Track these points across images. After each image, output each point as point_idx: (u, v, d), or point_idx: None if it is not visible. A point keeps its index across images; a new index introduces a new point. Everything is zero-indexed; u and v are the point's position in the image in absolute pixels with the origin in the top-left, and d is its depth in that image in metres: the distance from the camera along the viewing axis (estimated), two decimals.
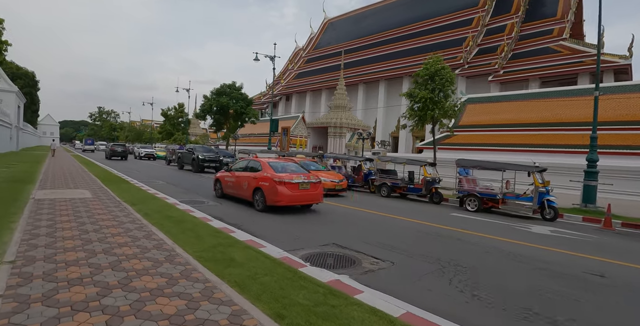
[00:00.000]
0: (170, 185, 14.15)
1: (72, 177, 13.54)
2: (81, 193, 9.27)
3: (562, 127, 21.91)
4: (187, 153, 22.63)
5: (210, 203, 9.92)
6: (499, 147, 23.46)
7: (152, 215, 6.88)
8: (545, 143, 21.43)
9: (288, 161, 11.49)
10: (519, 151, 22.31)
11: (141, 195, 9.88)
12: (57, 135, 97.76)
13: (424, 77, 18.88)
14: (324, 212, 9.74)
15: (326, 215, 9.27)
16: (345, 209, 10.48)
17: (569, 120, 21.69)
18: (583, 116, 21.00)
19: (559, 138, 21.25)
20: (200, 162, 21.10)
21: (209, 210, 8.66)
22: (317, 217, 8.92)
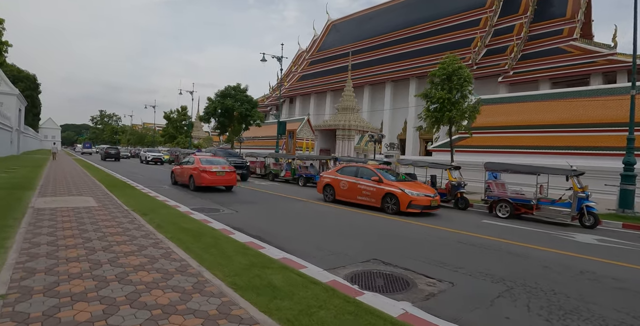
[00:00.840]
0: (177, 190, 13.35)
1: (74, 182, 12.75)
2: (85, 200, 8.47)
3: (583, 128, 21.09)
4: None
5: (225, 211, 9.11)
6: (515, 150, 22.66)
7: (167, 227, 6.07)
8: (565, 145, 20.61)
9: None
10: (536, 153, 21.53)
11: (150, 202, 9.07)
12: (59, 138, 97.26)
13: (441, 77, 18.10)
14: (345, 221, 8.92)
15: (351, 224, 8.45)
16: (368, 217, 9.66)
17: (590, 121, 20.87)
18: (607, 117, 20.19)
19: (580, 140, 20.43)
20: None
21: (226, 219, 7.85)
22: (341, 226, 8.11)
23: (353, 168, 11.92)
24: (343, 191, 11.60)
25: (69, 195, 9.36)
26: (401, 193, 10.18)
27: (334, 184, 11.96)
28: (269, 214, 9.25)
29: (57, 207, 7.45)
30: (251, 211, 9.48)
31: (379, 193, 10.62)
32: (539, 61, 37.25)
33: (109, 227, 5.83)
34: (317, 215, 9.61)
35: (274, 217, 8.82)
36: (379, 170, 11.34)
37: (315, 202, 12.12)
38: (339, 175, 11.96)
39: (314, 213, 9.78)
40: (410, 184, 10.95)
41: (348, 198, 11.48)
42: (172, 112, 54.50)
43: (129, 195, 10.15)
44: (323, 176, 12.64)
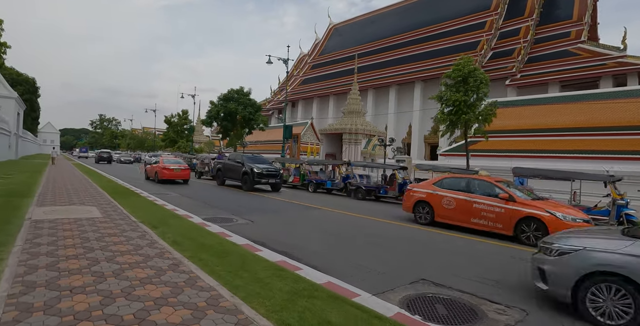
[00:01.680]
0: (184, 197, 12.60)
1: (75, 189, 11.97)
2: (87, 210, 7.70)
3: (598, 131, 20.41)
4: (233, 165, 17.16)
5: (240, 222, 8.35)
6: (529, 154, 21.99)
7: (184, 244, 5.30)
8: (583, 149, 19.93)
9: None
10: (552, 157, 20.86)
11: (158, 211, 8.31)
12: (58, 143, 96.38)
13: (456, 78, 17.44)
14: (373, 232, 8.15)
15: (380, 237, 7.68)
16: (397, 227, 8.90)
17: (611, 124, 20.16)
18: (625, 120, 19.51)
19: (597, 144, 19.74)
20: (255, 176, 15.61)
21: (244, 231, 7.09)
22: (368, 237, 7.34)
23: (461, 181, 9.31)
24: (448, 211, 8.88)
25: (70, 204, 8.59)
26: (550, 218, 7.38)
27: (432, 201, 9.25)
28: (287, 224, 8.50)
29: (57, 218, 6.67)
30: (267, 221, 8.73)
31: (511, 215, 7.84)
32: (547, 64, 36.71)
33: (117, 244, 5.06)
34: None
35: (293, 228, 8.07)
36: (504, 184, 8.73)
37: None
38: (440, 189, 9.29)
39: (350, 227, 9.01)
40: (552, 204, 8.27)
41: (457, 221, 8.78)
42: (173, 116, 53.82)
43: (134, 203, 9.39)
44: (413, 190, 9.92)
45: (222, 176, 17.92)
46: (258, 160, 17.69)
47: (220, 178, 18.12)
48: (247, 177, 15.86)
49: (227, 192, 15.25)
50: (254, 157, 18.16)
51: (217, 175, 18.45)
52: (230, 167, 17.38)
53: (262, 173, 15.72)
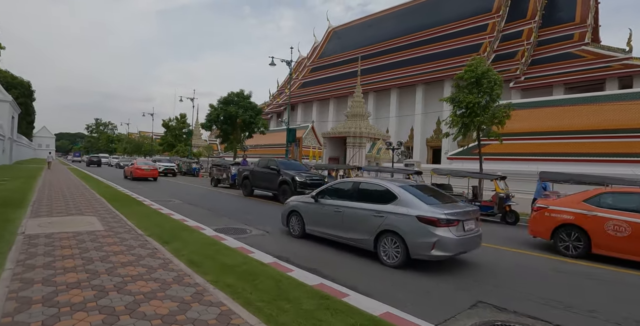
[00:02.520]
0: (187, 204, 11.82)
1: (73, 196, 11.17)
2: (88, 222, 6.92)
3: (616, 134, 19.85)
4: (265, 173, 14.48)
5: (254, 232, 7.61)
6: (540, 157, 21.39)
7: (203, 264, 4.55)
8: (598, 152, 19.34)
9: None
10: (565, 161, 20.26)
11: (165, 222, 7.54)
12: (53, 147, 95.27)
13: (470, 80, 16.83)
14: None
15: None
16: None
17: (622, 126, 19.61)
18: None
19: (614, 147, 19.17)
20: (298, 187, 12.89)
21: (263, 244, 6.37)
22: None
23: (635, 197, 6.64)
24: (617, 240, 6.33)
25: (67, 214, 7.81)
26: None
27: (587, 225, 6.68)
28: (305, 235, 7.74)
29: (53, 232, 5.89)
30: (282, 231, 8.00)
31: None
32: (551, 66, 36.34)
33: (126, 265, 4.30)
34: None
35: (311, 239, 7.31)
36: None
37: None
38: (599, 208, 6.70)
39: None
40: None
41: (630, 254, 6.27)
42: (171, 120, 52.96)
43: (138, 213, 8.61)
44: (552, 210, 7.32)
45: (251, 185, 15.37)
46: (294, 166, 15.31)
47: (248, 188, 15.49)
48: (287, 188, 13.17)
49: (228, 199, 14.49)
50: (289, 163, 15.68)
51: (243, 184, 15.81)
52: (261, 175, 14.78)
53: (306, 183, 13.02)
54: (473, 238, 5.48)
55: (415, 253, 5.09)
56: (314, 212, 6.86)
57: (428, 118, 43.89)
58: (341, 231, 6.18)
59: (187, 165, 35.70)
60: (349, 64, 55.33)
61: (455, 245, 5.05)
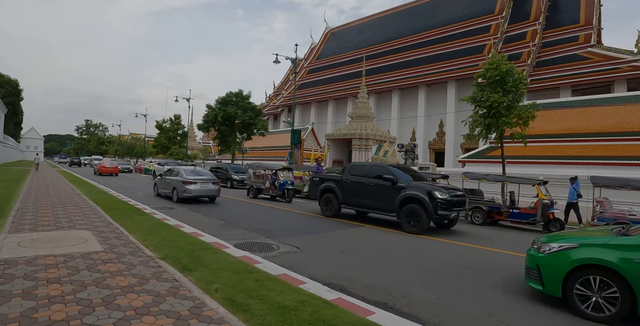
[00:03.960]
0: (193, 212, 10.49)
1: (62, 203, 9.74)
2: (81, 239, 5.57)
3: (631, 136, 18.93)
4: (370, 185, 10.04)
5: (283, 248, 6.35)
6: (561, 160, 20.40)
7: (250, 307, 3.27)
8: (621, 155, 18.39)
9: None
10: (586, 164, 19.28)
11: (177, 237, 6.21)
12: (42, 149, 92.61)
13: (494, 78, 15.77)
14: (473, 264, 6.16)
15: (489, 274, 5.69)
16: (479, 252, 6.94)
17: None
18: None
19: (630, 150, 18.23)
20: (440, 208, 8.65)
21: (306, 267, 5.15)
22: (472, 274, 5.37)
23: None
24: None
25: (56, 227, 6.44)
26: None
27: None
28: (349, 252, 6.47)
29: (38, 255, 4.54)
30: (317, 246, 6.79)
31: None
32: (558, 68, 35.65)
33: (142, 314, 2.98)
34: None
35: (360, 257, 6.07)
36: None
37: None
38: None
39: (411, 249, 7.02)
40: None
41: None
42: (165, 121, 51.31)
43: (140, 224, 7.27)
44: None
45: (339, 202, 10.80)
46: (411, 173, 10.69)
47: (333, 206, 10.93)
48: (419, 209, 8.65)
49: (230, 203, 13.14)
50: (403, 169, 10.60)
51: (325, 199, 11.22)
52: (361, 187, 10.21)
53: (452, 201, 8.77)
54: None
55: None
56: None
57: (430, 121, 42.98)
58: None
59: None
60: (348, 65, 54.30)
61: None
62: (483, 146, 26.38)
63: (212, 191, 13.15)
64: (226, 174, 22.48)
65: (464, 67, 39.86)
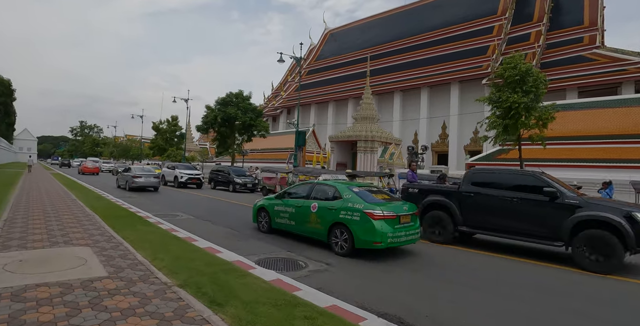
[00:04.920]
0: (199, 219, 9.60)
1: (56, 210, 8.82)
2: (79, 259, 4.69)
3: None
4: (514, 202, 7.36)
5: (312, 266, 5.53)
6: (572, 163, 19.78)
7: None
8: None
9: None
10: (598, 167, 18.67)
11: (193, 256, 5.33)
12: (35, 151, 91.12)
13: (513, 78, 15.07)
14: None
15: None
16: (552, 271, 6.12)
17: None
18: None
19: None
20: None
21: (346, 289, 4.33)
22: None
23: None
24: None
25: (49, 242, 5.54)
26: None
27: None
28: (386, 267, 5.66)
29: (27, 284, 3.65)
30: (344, 260, 5.96)
31: None
32: (563, 69, 35.17)
33: None
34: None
35: (391, 271, 5.25)
36: None
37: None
38: None
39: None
40: None
41: None
42: (162, 122, 50.21)
43: (145, 237, 6.39)
44: None
45: (462, 222, 7.97)
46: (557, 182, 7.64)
47: (447, 229, 8.10)
48: (611, 239, 6.11)
49: (233, 208, 12.27)
50: (538, 177, 7.75)
51: (433, 219, 8.34)
52: (501, 204, 7.56)
53: None
54: None
55: None
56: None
57: (433, 123, 42.39)
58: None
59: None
60: (349, 66, 53.64)
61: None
62: (493, 148, 25.72)
63: (153, 183, 18.08)
64: (228, 177, 21.46)
65: (467, 68, 39.31)
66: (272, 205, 8.11)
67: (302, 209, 7.23)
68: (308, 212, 7.07)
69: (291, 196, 7.88)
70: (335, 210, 6.63)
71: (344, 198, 6.70)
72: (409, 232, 6.58)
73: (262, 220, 8.33)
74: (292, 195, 7.90)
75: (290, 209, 7.53)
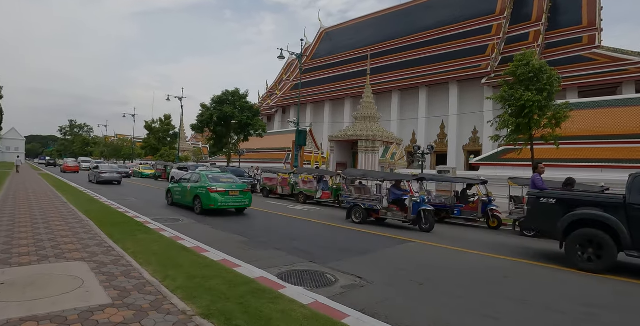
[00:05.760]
0: (200, 224, 8.83)
1: (46, 218, 7.95)
2: (75, 279, 3.90)
3: None
4: None
5: (344, 281, 4.81)
6: (581, 163, 19.34)
7: None
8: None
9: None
10: (608, 167, 18.27)
11: (209, 272, 4.56)
12: (23, 150, 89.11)
13: (527, 75, 14.54)
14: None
15: None
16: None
17: None
18: None
19: None
20: None
21: (390, 310, 3.65)
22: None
23: None
24: None
25: (38, 256, 4.72)
26: None
27: None
28: (418, 279, 4.97)
29: (10, 319, 2.87)
30: (378, 273, 5.31)
31: None
32: (563, 69, 34.72)
33: None
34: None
35: (438, 287, 4.56)
36: None
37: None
38: None
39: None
40: None
41: None
42: (155, 122, 49.03)
43: (149, 247, 5.60)
44: None
45: (633, 246, 5.90)
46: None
47: (609, 253, 6.02)
48: None
49: (234, 211, 11.51)
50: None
51: (584, 237, 6.30)
52: None
53: None
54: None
55: None
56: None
57: (431, 122, 41.94)
58: None
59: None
60: (345, 65, 53.02)
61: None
62: (497, 148, 25.23)
63: (116, 177, 21.93)
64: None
65: (466, 68, 38.92)
66: (173, 188, 12.66)
67: (184, 189, 11.77)
68: (186, 190, 11.60)
69: (181, 182, 12.36)
70: (197, 188, 11.06)
71: (201, 181, 11.20)
72: (237, 201, 10.97)
73: (169, 198, 12.74)
74: (182, 181, 12.38)
75: (179, 189, 12.10)
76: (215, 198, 10.38)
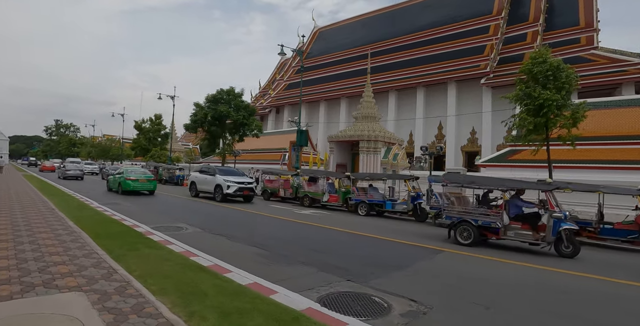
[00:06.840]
0: (207, 233, 7.87)
1: (32, 230, 6.87)
2: (70, 321, 2.94)
3: None
4: None
5: (399, 309, 4.00)
6: (593, 165, 18.85)
7: None
8: None
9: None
10: (619, 169, 17.81)
11: (242, 302, 3.65)
12: (6, 151, 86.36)
13: (544, 73, 13.96)
14: None
15: None
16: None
17: None
18: None
19: None
20: None
21: None
22: None
23: None
24: None
25: (22, 286, 3.74)
26: None
27: None
28: (482, 301, 4.14)
29: None
30: (434, 295, 4.43)
31: None
32: None
33: None
34: None
35: (507, 312, 3.76)
36: None
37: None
38: None
39: None
40: None
41: None
42: (145, 121, 47.53)
43: (158, 267, 4.65)
44: None
45: None
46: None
47: None
48: None
49: (236, 216, 10.55)
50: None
51: None
52: None
53: None
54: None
55: None
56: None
57: (428, 123, 41.45)
58: None
59: (168, 172, 30.96)
60: (340, 64, 52.33)
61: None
62: (502, 150, 24.69)
63: (79, 174, 27.18)
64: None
65: (464, 68, 38.51)
66: (111, 179, 17.94)
67: (116, 179, 17.23)
68: (117, 180, 16.97)
69: (115, 174, 17.89)
70: (120, 177, 16.83)
71: (124, 173, 16.98)
72: (144, 186, 16.88)
73: (112, 188, 17.63)
74: (116, 174, 17.79)
75: (113, 179, 17.52)
76: (129, 184, 16.23)
